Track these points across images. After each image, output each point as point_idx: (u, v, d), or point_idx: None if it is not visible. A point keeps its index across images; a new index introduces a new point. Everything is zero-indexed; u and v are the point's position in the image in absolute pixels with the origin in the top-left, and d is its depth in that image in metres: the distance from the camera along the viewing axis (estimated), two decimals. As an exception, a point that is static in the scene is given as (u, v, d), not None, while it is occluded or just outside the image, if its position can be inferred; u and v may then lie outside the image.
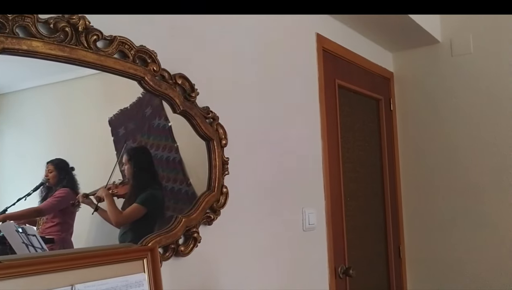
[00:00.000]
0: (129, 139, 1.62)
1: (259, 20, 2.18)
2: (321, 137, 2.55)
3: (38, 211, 1.42)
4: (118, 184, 1.56)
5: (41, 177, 1.41)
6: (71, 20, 1.35)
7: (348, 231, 2.78)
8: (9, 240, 1.30)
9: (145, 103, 1.65)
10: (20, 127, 1.42)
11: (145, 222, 1.62)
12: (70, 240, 1.45)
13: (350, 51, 2.90)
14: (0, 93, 1.36)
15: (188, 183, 1.74)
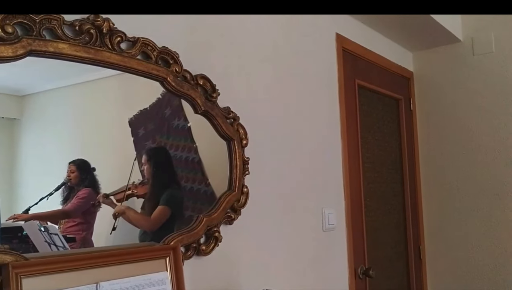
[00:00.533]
0: (148, 140, 1.64)
1: (280, 20, 2.18)
2: (341, 137, 2.54)
3: (65, 213, 1.45)
4: (138, 184, 1.58)
5: (63, 177, 1.44)
6: (96, 22, 1.37)
7: (368, 232, 2.77)
8: (32, 238, 1.33)
9: (165, 103, 1.66)
10: (42, 127, 1.45)
11: (165, 221, 1.64)
12: (91, 239, 1.48)
13: (370, 50, 2.89)
14: (23, 94, 1.40)
15: (207, 183, 1.76)
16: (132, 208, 1.57)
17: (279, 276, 2.05)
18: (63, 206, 1.45)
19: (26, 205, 1.33)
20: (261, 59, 2.07)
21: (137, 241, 1.58)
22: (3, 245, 1.23)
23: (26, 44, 1.21)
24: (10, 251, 1.18)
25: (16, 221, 1.31)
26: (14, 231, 1.32)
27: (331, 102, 2.52)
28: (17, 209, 1.32)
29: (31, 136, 1.41)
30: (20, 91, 1.38)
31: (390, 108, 3.19)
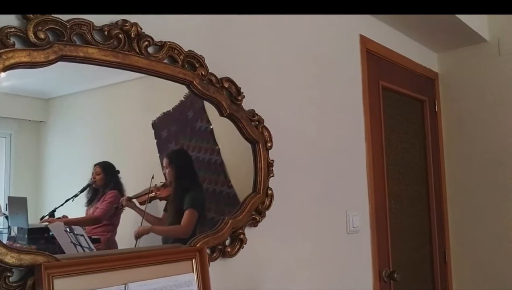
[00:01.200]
0: (171, 142, 1.66)
1: (303, 22, 2.19)
2: (365, 139, 2.53)
3: (95, 219, 1.47)
4: (160, 187, 1.59)
5: (88, 178, 1.46)
6: (124, 27, 1.40)
7: (392, 234, 2.74)
8: (58, 239, 1.35)
9: (188, 106, 1.68)
10: (67, 130, 1.47)
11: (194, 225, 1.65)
12: (115, 240, 1.50)
13: (394, 52, 2.86)
14: (49, 97, 1.42)
15: (229, 185, 1.76)
16: (158, 221, 1.59)
17: (303, 278, 2.05)
18: (88, 208, 1.47)
19: (52, 206, 1.36)
20: (286, 61, 2.07)
21: (160, 242, 1.59)
22: (31, 245, 1.26)
23: (58, 49, 1.24)
24: (42, 252, 1.20)
25: (47, 224, 1.34)
26: (41, 232, 1.34)
27: (355, 104, 2.51)
28: (43, 210, 1.35)
29: (56, 138, 1.43)
30: (46, 94, 1.41)
31: (415, 109, 3.16)
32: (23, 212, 1.31)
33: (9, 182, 1.32)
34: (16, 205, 1.32)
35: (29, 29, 1.20)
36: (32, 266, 1.17)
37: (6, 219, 1.29)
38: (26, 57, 1.19)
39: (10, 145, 1.34)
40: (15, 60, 1.16)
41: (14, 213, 1.31)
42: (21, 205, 1.32)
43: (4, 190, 1.30)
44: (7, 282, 1.15)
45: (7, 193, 1.30)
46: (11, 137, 1.35)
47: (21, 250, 1.17)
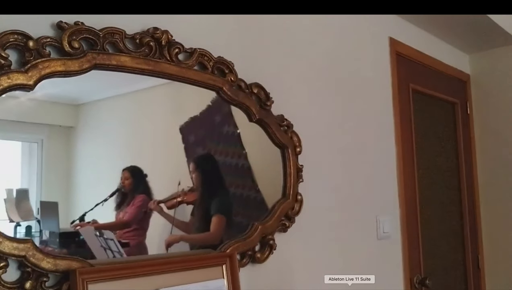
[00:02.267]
0: (199, 146, 1.67)
1: (332, 26, 2.18)
2: (395, 143, 2.50)
3: (125, 224, 1.48)
4: (187, 191, 1.60)
5: (117, 183, 1.47)
6: (155, 35, 1.41)
7: (424, 240, 2.69)
8: (89, 243, 1.37)
9: (215, 111, 1.69)
10: (96, 135, 1.50)
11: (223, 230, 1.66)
12: (145, 243, 1.51)
13: (424, 54, 2.82)
14: (79, 103, 1.45)
15: (256, 190, 1.76)
16: (187, 235, 1.60)
17: (334, 284, 2.03)
18: (117, 212, 1.49)
19: (82, 210, 1.38)
20: (315, 66, 2.06)
21: (188, 246, 1.60)
22: (62, 249, 1.28)
23: (91, 58, 1.26)
24: (76, 257, 1.23)
25: (78, 228, 1.37)
26: (72, 236, 1.36)
27: (385, 107, 2.48)
28: (74, 214, 1.37)
29: (86, 143, 1.46)
30: (76, 100, 1.44)
31: (446, 112, 3.11)
32: (55, 216, 1.34)
33: (41, 187, 1.34)
34: (47, 209, 1.34)
35: (63, 39, 1.22)
36: (67, 271, 1.19)
37: (38, 223, 1.31)
38: (61, 66, 1.21)
39: (41, 150, 1.37)
40: (50, 70, 1.19)
41: (46, 217, 1.33)
42: (53, 210, 1.35)
43: (36, 195, 1.32)
44: (44, 287, 1.17)
45: (39, 198, 1.32)
46: (43, 143, 1.38)
47: (57, 256, 1.19)
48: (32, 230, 1.30)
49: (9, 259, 1.12)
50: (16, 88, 1.15)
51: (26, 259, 1.14)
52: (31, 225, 1.31)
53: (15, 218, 1.29)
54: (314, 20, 2.07)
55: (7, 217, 1.28)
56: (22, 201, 1.31)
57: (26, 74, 1.15)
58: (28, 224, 1.30)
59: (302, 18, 2.01)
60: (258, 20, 1.82)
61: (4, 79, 1.12)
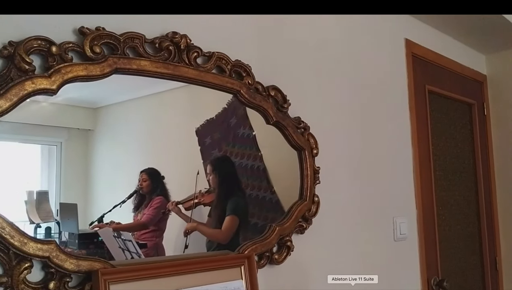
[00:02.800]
0: (215, 148, 1.68)
1: (348, 28, 2.18)
2: (411, 144, 2.49)
3: (143, 225, 1.51)
4: (204, 193, 1.62)
5: (134, 185, 1.50)
6: (174, 39, 1.43)
7: (441, 242, 2.68)
8: (107, 244, 1.39)
9: (230, 113, 1.70)
10: (114, 137, 1.52)
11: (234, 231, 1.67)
12: (162, 244, 1.53)
13: (440, 55, 2.81)
14: (97, 106, 1.47)
15: (272, 191, 1.77)
16: (203, 223, 1.62)
17: (351, 285, 2.03)
18: (135, 213, 1.51)
19: (100, 212, 1.40)
20: (331, 67, 2.07)
21: (204, 247, 1.62)
22: (81, 250, 1.30)
23: (112, 62, 1.29)
24: (98, 258, 1.25)
25: (97, 230, 1.39)
26: (91, 237, 1.39)
27: (401, 109, 2.47)
28: (92, 216, 1.40)
29: (104, 146, 1.48)
30: (94, 103, 1.46)
31: (463, 113, 3.08)
32: (74, 218, 1.37)
33: (60, 189, 1.37)
34: (67, 211, 1.36)
35: (85, 44, 1.25)
36: (90, 272, 1.21)
37: (58, 224, 1.33)
38: (83, 71, 1.24)
39: (60, 153, 1.40)
40: (73, 74, 1.21)
41: (65, 218, 1.36)
42: (72, 211, 1.37)
43: (55, 196, 1.34)
44: (67, 287, 1.19)
45: (58, 199, 1.35)
46: (61, 145, 1.41)
47: (79, 257, 1.21)
48: (52, 231, 1.33)
49: (34, 260, 1.15)
50: (40, 93, 1.17)
51: (50, 260, 1.16)
52: (51, 227, 1.33)
53: (36, 220, 1.31)
54: (330, 23, 2.08)
55: (28, 219, 1.30)
56: (42, 203, 1.33)
57: (49, 78, 1.18)
58: (48, 225, 1.33)
59: (318, 21, 2.02)
60: (274, 23, 1.83)
61: (29, 84, 1.14)
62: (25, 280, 1.13)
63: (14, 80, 1.13)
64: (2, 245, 1.09)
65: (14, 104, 1.12)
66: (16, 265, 1.12)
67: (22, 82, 1.13)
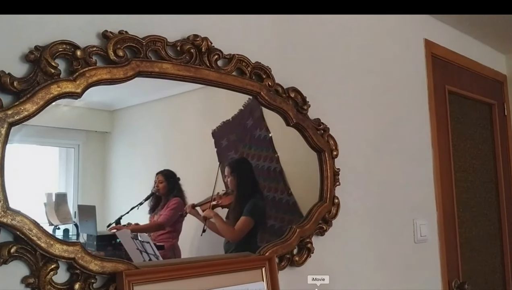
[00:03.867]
0: (231, 150, 1.69)
1: (367, 29, 2.17)
2: (431, 145, 2.47)
3: (160, 225, 1.51)
4: (222, 195, 1.62)
5: (151, 187, 1.50)
6: (195, 42, 1.44)
7: (462, 244, 2.65)
8: (125, 246, 1.40)
9: (247, 115, 1.70)
10: (131, 140, 1.53)
11: (248, 231, 1.67)
12: (178, 246, 1.53)
13: (460, 55, 2.78)
14: (114, 109, 1.48)
15: (289, 193, 1.77)
16: (220, 216, 1.61)
17: (371, 287, 2.02)
18: (151, 215, 1.52)
19: (118, 214, 1.41)
20: (350, 69, 2.06)
21: (222, 250, 1.61)
22: (99, 251, 1.31)
23: (135, 66, 1.30)
24: (122, 260, 1.26)
25: (115, 231, 1.40)
26: (109, 239, 1.40)
27: (420, 110, 2.45)
28: (109, 218, 1.41)
29: (121, 148, 1.49)
30: (111, 106, 1.47)
31: (483, 114, 3.05)
32: (92, 219, 1.38)
33: (78, 191, 1.38)
34: (85, 213, 1.37)
35: (109, 48, 1.26)
36: (114, 273, 1.22)
37: (76, 226, 1.34)
38: (107, 74, 1.25)
39: (78, 155, 1.41)
40: (97, 78, 1.23)
41: (84, 220, 1.37)
42: (90, 213, 1.38)
43: (73, 198, 1.36)
44: (91, 288, 1.21)
45: (76, 201, 1.36)
46: (79, 148, 1.42)
47: (104, 258, 1.23)
48: (69, 233, 1.34)
49: (60, 261, 1.16)
50: (65, 96, 1.19)
51: (75, 261, 1.17)
52: (69, 229, 1.35)
53: (55, 221, 1.32)
54: (349, 24, 2.08)
55: (47, 220, 1.32)
56: (61, 205, 1.35)
57: (74, 82, 1.19)
58: (66, 227, 1.34)
59: (337, 22, 2.01)
60: (294, 25, 1.84)
61: (54, 87, 1.16)
62: (51, 281, 1.15)
63: (40, 84, 1.14)
64: (30, 247, 1.11)
65: (41, 108, 1.13)
66: (42, 266, 1.13)
67: (48, 86, 1.15)
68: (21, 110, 1.11)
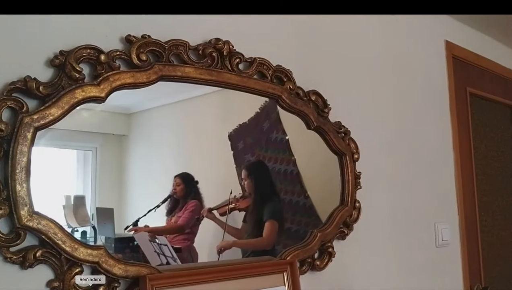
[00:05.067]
0: (247, 153, 1.68)
1: (387, 31, 2.15)
2: (452, 148, 2.44)
3: (180, 227, 1.51)
4: (239, 198, 1.61)
5: (168, 189, 1.50)
6: (217, 45, 1.44)
7: (484, 248, 2.61)
8: (143, 248, 1.40)
9: (263, 117, 1.69)
10: (148, 143, 1.53)
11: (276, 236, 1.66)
12: (194, 248, 1.52)
13: (482, 56, 2.74)
14: (131, 112, 1.48)
15: (305, 196, 1.75)
16: (239, 240, 1.60)
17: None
18: (169, 217, 1.52)
19: (135, 216, 1.41)
20: (370, 71, 2.04)
21: (239, 252, 1.61)
22: (117, 254, 1.31)
23: (158, 70, 1.30)
24: (145, 264, 1.26)
25: (134, 233, 1.40)
26: (126, 241, 1.40)
27: (441, 112, 2.43)
28: (127, 220, 1.41)
29: (137, 151, 1.49)
30: (128, 109, 1.47)
31: (505, 116, 3.01)
32: (110, 222, 1.38)
33: (95, 193, 1.38)
34: (103, 215, 1.38)
35: (132, 52, 1.27)
36: (137, 277, 1.23)
37: (93, 229, 1.35)
38: (130, 78, 1.26)
39: (96, 158, 1.42)
40: (121, 82, 1.23)
41: (102, 223, 1.37)
42: (108, 216, 1.39)
43: (91, 201, 1.36)
44: (115, 292, 1.21)
45: (93, 204, 1.36)
46: (97, 151, 1.43)
47: (127, 262, 1.23)
48: (87, 235, 1.35)
49: (84, 265, 1.17)
50: (89, 100, 1.19)
51: (99, 265, 1.18)
52: (86, 231, 1.36)
53: (73, 224, 1.33)
54: (370, 26, 2.06)
55: (65, 223, 1.33)
56: (79, 207, 1.35)
57: (98, 86, 1.20)
58: (84, 229, 1.35)
59: (358, 23, 2.00)
60: (314, 27, 1.83)
61: (79, 92, 1.17)
62: (75, 285, 1.15)
63: (65, 89, 1.15)
64: (55, 250, 1.12)
65: (66, 112, 1.14)
66: (67, 270, 1.14)
67: (73, 90, 1.16)
68: (47, 114, 1.12)
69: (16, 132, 1.07)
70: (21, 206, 1.06)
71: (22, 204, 1.07)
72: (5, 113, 1.08)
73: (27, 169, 1.08)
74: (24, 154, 1.08)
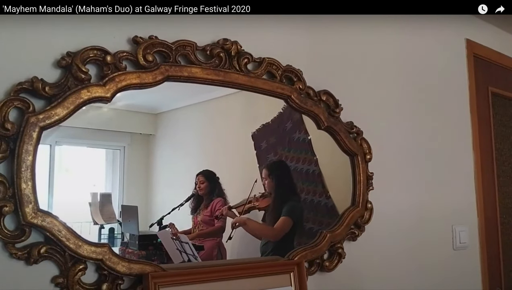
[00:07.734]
0: (270, 153, 1.68)
1: (406, 29, 2.11)
2: (472, 149, 2.38)
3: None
4: (259, 197, 1.62)
5: (191, 188, 1.53)
6: (225, 46, 1.44)
7: (505, 251, 2.55)
8: (165, 246, 1.44)
9: (286, 118, 1.70)
10: (173, 142, 1.56)
11: (287, 232, 1.66)
12: (223, 244, 1.54)
13: (504, 55, 2.67)
14: (157, 112, 1.52)
15: (327, 196, 1.75)
16: (253, 219, 1.61)
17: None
18: (194, 215, 1.55)
19: (159, 214, 1.45)
20: (385, 70, 2.01)
21: (258, 251, 1.61)
22: (141, 251, 1.34)
23: (164, 70, 1.31)
24: (149, 262, 1.28)
25: (168, 230, 1.43)
26: (150, 239, 1.44)
27: (461, 112, 2.37)
28: (151, 218, 1.44)
29: (163, 150, 1.52)
30: (154, 109, 1.51)
31: (529, 116, 2.91)
32: (135, 219, 1.42)
33: (122, 191, 1.43)
34: (128, 213, 1.42)
35: (138, 53, 1.28)
36: (141, 275, 1.24)
37: (120, 226, 1.39)
38: (136, 79, 1.27)
39: (123, 156, 1.45)
40: (126, 82, 1.25)
41: (127, 220, 1.41)
42: (133, 213, 1.42)
43: (118, 199, 1.40)
44: (119, 289, 1.23)
45: (120, 202, 1.41)
46: (125, 150, 1.47)
47: (131, 260, 1.25)
48: (115, 232, 1.38)
49: (88, 262, 1.19)
50: (94, 101, 1.22)
51: (103, 262, 1.20)
52: (114, 227, 1.39)
53: (99, 221, 1.37)
54: (386, 24, 2.02)
55: (92, 220, 1.36)
56: (106, 205, 1.39)
57: (104, 87, 1.22)
58: (111, 226, 1.38)
59: (372, 21, 1.96)
60: (325, 27, 1.81)
61: (84, 92, 1.19)
62: (79, 281, 1.18)
63: (71, 89, 1.18)
64: (59, 247, 1.14)
65: (71, 112, 1.17)
66: (71, 266, 1.17)
67: (78, 90, 1.18)
68: (52, 114, 1.14)
69: (22, 131, 1.10)
70: (26, 203, 1.09)
71: (27, 202, 1.09)
72: (12, 113, 1.11)
73: (32, 168, 1.11)
74: (29, 153, 1.10)
